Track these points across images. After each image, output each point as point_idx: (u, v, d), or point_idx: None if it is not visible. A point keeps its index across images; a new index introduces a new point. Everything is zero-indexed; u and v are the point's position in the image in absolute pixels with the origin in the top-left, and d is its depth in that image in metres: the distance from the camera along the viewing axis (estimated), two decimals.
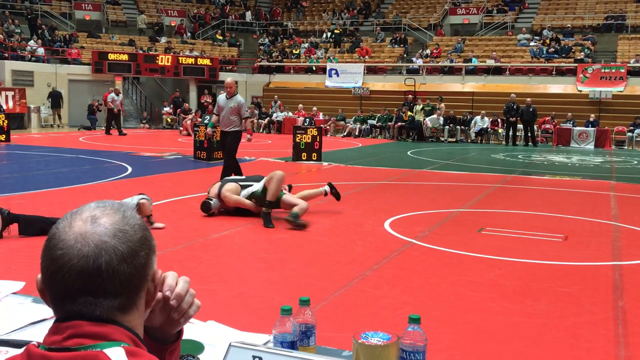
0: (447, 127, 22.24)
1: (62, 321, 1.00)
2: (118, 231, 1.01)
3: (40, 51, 25.18)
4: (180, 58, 26.78)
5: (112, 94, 21.29)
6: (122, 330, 1.01)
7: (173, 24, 31.15)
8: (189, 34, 31.01)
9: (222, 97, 9.52)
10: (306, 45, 30.05)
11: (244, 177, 7.88)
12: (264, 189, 7.06)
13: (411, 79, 24.66)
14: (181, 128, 22.82)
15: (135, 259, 1.01)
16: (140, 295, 1.05)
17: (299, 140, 14.20)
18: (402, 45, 28.20)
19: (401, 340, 1.59)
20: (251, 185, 7.29)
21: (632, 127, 21.32)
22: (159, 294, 1.17)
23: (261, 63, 29.20)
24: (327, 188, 7.80)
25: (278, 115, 24.78)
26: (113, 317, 1.01)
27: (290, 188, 7.67)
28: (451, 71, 25.83)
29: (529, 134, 21.17)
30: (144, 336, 1.20)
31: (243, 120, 9.53)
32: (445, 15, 30.37)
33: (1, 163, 12.78)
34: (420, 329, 1.61)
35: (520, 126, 21.43)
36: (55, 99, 24.00)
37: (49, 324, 1.03)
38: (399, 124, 22.72)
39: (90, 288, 0.99)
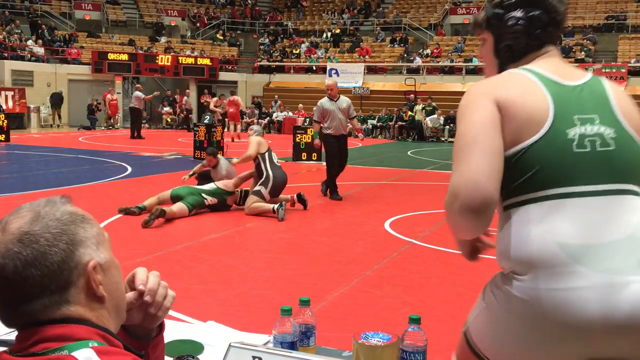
0: (447, 127, 22.24)
1: (21, 329, 1.00)
2: (24, 235, 0.99)
3: (40, 51, 25.18)
4: (180, 58, 26.78)
5: (138, 92, 19.64)
6: (85, 327, 1.00)
7: (173, 24, 31.16)
8: (188, 33, 31.05)
9: (325, 102, 8.79)
10: (306, 45, 30.05)
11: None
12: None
13: (411, 79, 24.66)
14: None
15: (45, 259, 0.99)
16: (75, 290, 1.01)
17: (299, 140, 14.20)
18: (402, 45, 28.20)
19: (401, 341, 1.59)
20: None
21: None
22: (132, 294, 1.17)
23: (261, 63, 29.20)
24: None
25: (278, 115, 24.79)
26: (62, 314, 1.00)
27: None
28: (451, 71, 25.82)
29: None
30: (125, 335, 1.19)
31: (350, 121, 9.02)
32: (445, 15, 30.37)
33: (1, 163, 12.77)
34: (420, 329, 1.61)
35: None
36: (55, 98, 23.99)
37: None
38: (399, 123, 22.73)
39: (13, 297, 0.99)
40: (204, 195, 7.51)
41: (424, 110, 22.49)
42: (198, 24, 31.94)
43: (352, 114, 9.00)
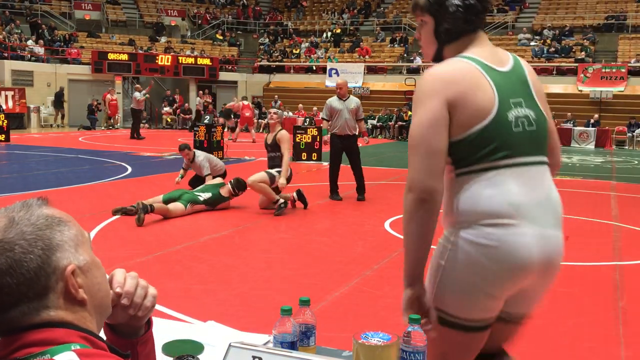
0: None
1: (3, 335, 0.99)
2: None
3: (40, 51, 25.16)
4: (180, 58, 26.78)
5: (137, 92, 19.53)
6: (68, 330, 0.99)
7: (173, 24, 31.16)
8: (188, 33, 31.05)
9: (334, 100, 8.73)
10: (306, 45, 30.05)
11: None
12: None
13: (411, 79, 24.66)
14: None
15: (20, 267, 0.97)
16: (54, 295, 1.00)
17: (298, 140, 14.20)
18: (402, 45, 28.20)
19: (401, 341, 1.59)
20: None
21: (629, 127, 21.33)
22: (110, 293, 1.16)
23: (261, 63, 29.20)
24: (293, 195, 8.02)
25: None
26: (43, 319, 0.99)
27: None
28: None
29: None
30: (112, 334, 1.19)
31: (359, 122, 8.94)
32: None
33: (1, 163, 12.78)
34: (420, 329, 1.61)
35: None
36: (58, 98, 23.99)
37: None
38: (399, 123, 22.73)
39: None
40: (196, 193, 7.60)
41: None
42: (200, 21, 31.95)
43: (361, 115, 8.88)
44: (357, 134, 8.94)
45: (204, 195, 7.60)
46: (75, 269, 1.02)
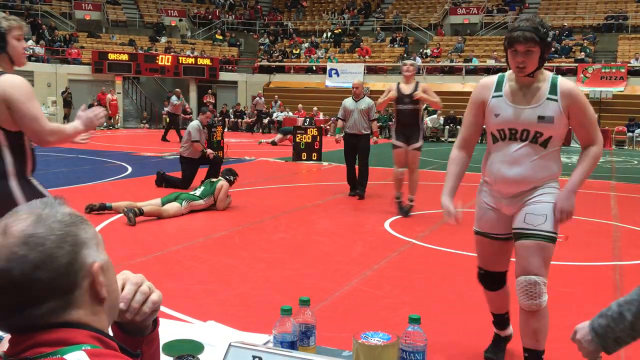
0: (447, 127, 22.24)
1: (16, 334, 0.99)
2: (28, 237, 0.97)
3: (41, 51, 25.15)
4: (180, 58, 26.77)
5: (174, 97, 19.64)
6: (81, 331, 0.99)
7: (173, 24, 31.16)
8: (188, 33, 31.05)
9: (348, 100, 9.03)
10: (306, 45, 30.05)
11: None
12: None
13: None
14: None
15: (52, 262, 0.97)
16: (79, 292, 1.00)
17: (299, 140, 14.20)
18: (402, 45, 28.20)
19: (401, 340, 1.60)
20: None
21: (629, 127, 21.33)
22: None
23: (261, 63, 29.20)
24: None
25: (278, 115, 24.80)
26: (63, 319, 0.99)
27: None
28: (451, 71, 25.81)
29: None
30: (120, 333, 1.19)
31: (371, 123, 9.06)
32: (445, 15, 30.37)
33: None
34: (420, 329, 1.61)
35: None
36: (65, 98, 23.98)
37: None
38: None
39: (21, 301, 0.97)
40: (191, 193, 7.66)
41: (426, 111, 22.50)
42: (211, 17, 31.95)
43: (372, 116, 9.02)
44: (368, 133, 9.04)
45: (199, 190, 7.68)
46: (101, 265, 1.03)
